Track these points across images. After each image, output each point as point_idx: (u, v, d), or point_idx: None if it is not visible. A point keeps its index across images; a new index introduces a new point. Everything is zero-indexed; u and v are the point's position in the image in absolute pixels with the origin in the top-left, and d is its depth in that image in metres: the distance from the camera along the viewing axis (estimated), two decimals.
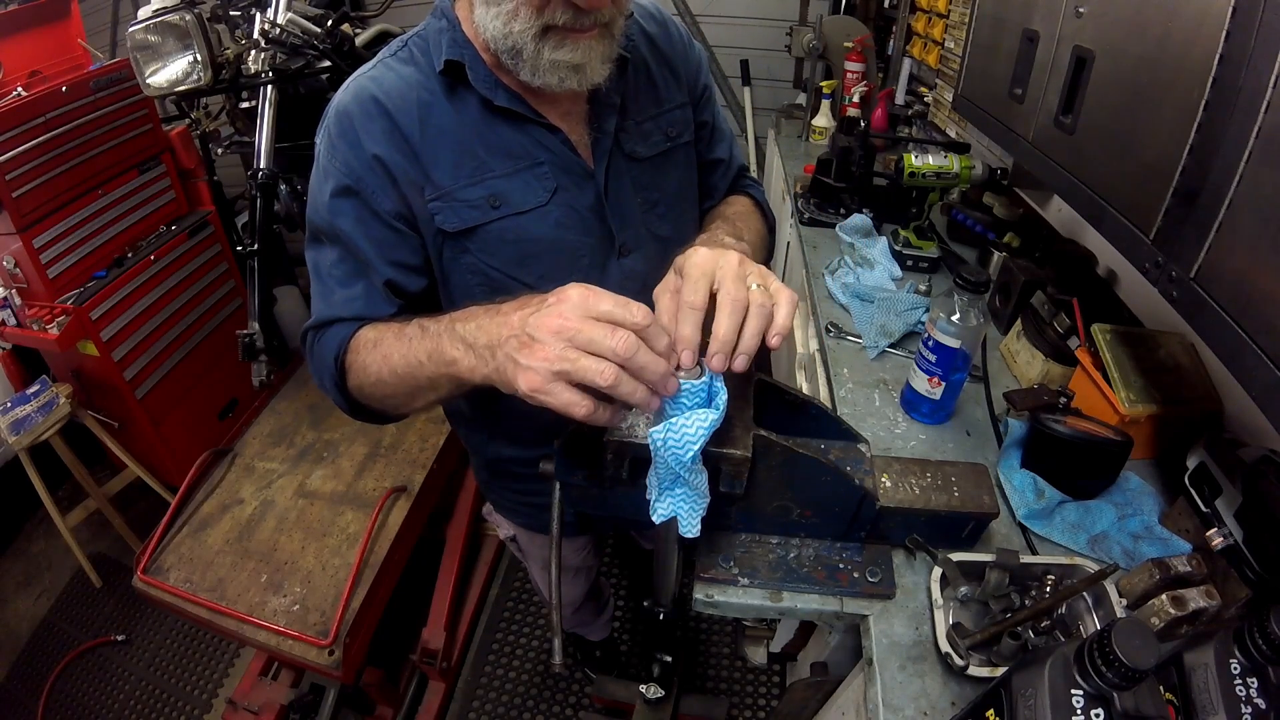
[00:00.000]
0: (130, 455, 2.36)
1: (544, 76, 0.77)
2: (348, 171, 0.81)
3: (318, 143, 0.85)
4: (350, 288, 0.84)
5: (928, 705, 0.78)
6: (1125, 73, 0.90)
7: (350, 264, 0.85)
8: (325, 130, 0.84)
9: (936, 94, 2.16)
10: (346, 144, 0.81)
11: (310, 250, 0.88)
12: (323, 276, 0.86)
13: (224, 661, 2.16)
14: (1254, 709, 0.58)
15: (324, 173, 0.83)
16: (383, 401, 0.82)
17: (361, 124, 0.81)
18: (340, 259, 0.85)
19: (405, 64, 0.84)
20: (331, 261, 0.85)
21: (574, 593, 1.66)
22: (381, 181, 0.82)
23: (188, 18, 1.55)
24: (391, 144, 0.81)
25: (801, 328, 1.79)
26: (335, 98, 0.85)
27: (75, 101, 2.13)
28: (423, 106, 0.82)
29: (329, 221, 0.83)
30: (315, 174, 0.85)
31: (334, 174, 0.82)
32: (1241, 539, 0.82)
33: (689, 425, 0.68)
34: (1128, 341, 1.08)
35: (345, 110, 0.82)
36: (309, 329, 0.87)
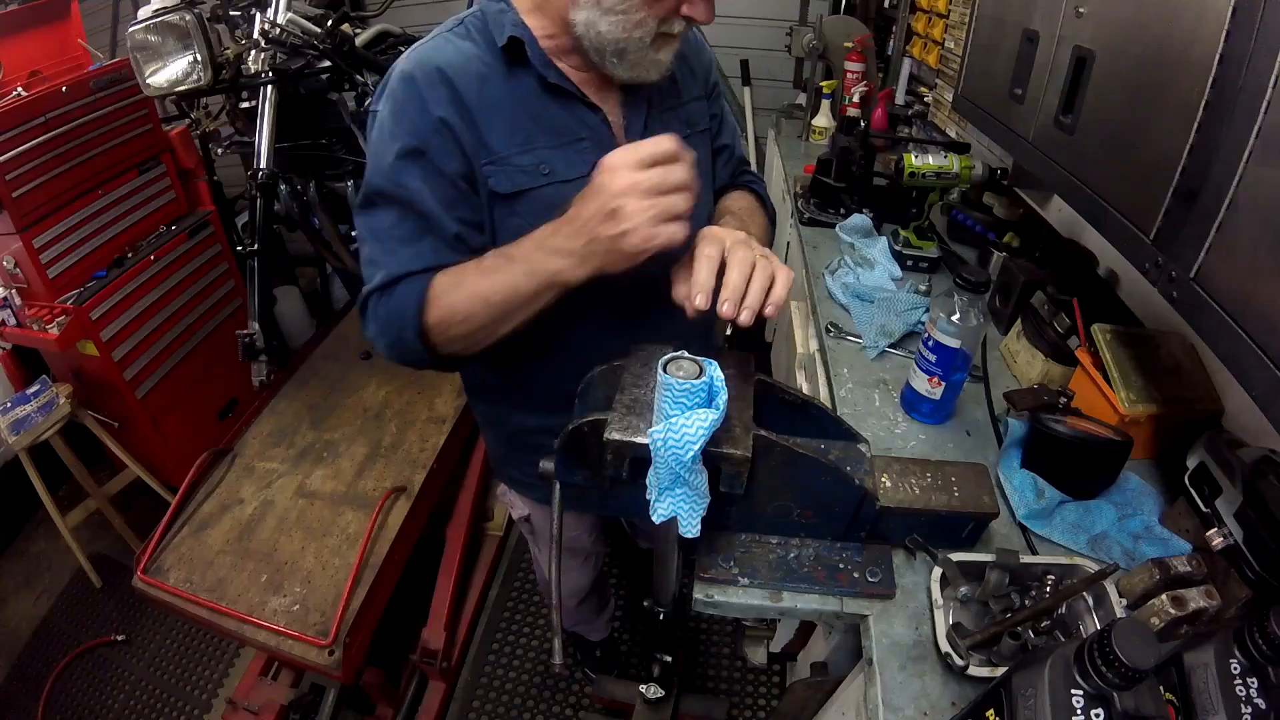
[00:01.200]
0: (130, 455, 2.36)
1: (642, 72, 0.88)
2: (414, 134, 0.86)
3: (379, 109, 0.89)
4: (417, 243, 0.87)
5: (928, 705, 0.78)
6: (1125, 73, 0.90)
7: (414, 222, 0.88)
8: (389, 96, 0.88)
9: (936, 94, 2.16)
10: (414, 108, 0.86)
11: (365, 215, 0.90)
12: (382, 238, 0.89)
13: (224, 661, 2.16)
14: (1254, 709, 0.58)
15: (389, 136, 0.87)
16: (469, 338, 0.87)
17: (427, 90, 0.85)
18: (401, 218, 0.88)
19: (463, 39, 0.90)
20: (392, 222, 0.88)
21: (583, 579, 1.67)
22: (447, 144, 0.86)
23: (188, 18, 1.55)
24: (454, 109, 0.86)
25: (801, 328, 1.79)
26: (398, 66, 0.89)
27: (75, 101, 2.12)
28: (480, 78, 0.87)
29: (393, 182, 0.87)
30: (377, 139, 0.88)
31: (400, 136, 0.86)
32: (1241, 539, 0.82)
33: (689, 425, 0.68)
34: (1128, 341, 1.08)
35: (410, 77, 0.86)
36: (372, 291, 0.88)
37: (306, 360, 2.34)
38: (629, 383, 0.83)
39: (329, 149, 1.88)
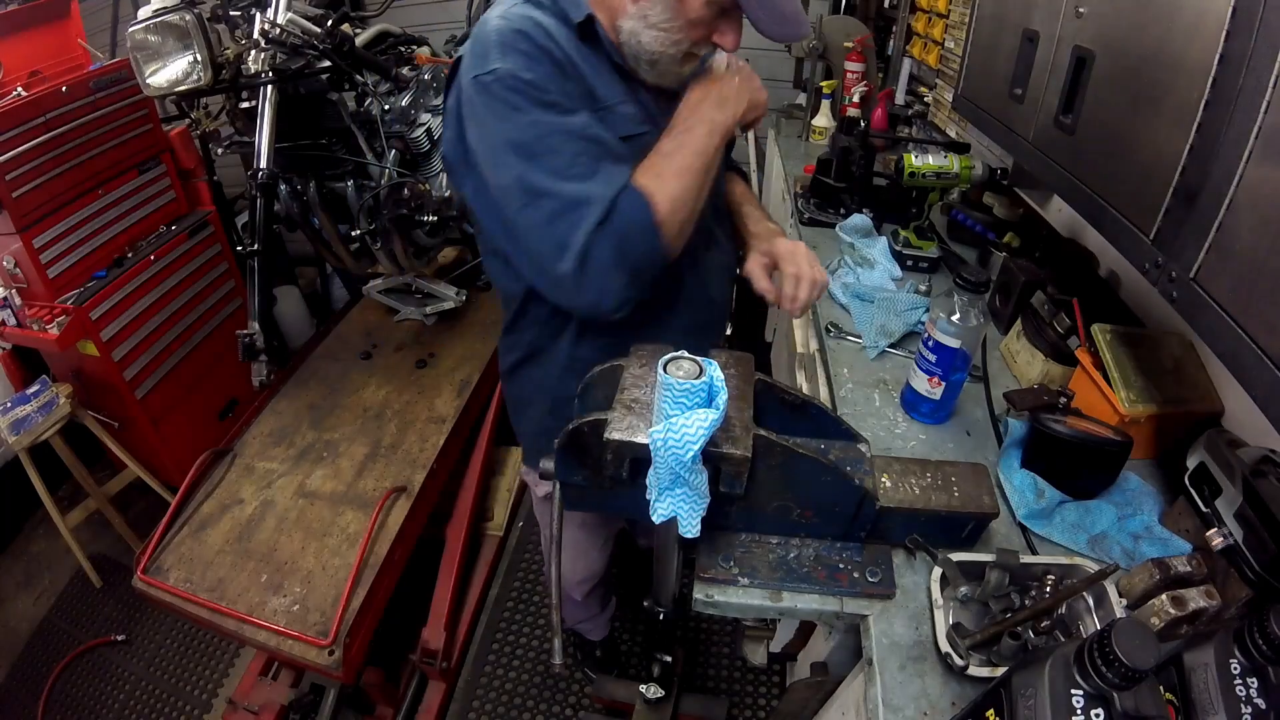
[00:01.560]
0: (130, 455, 2.36)
1: (665, 80, 1.01)
2: (551, 78, 0.91)
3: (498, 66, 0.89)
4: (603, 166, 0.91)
5: (928, 705, 0.78)
6: (1125, 73, 0.90)
7: (589, 149, 0.91)
8: (508, 49, 0.89)
9: (936, 94, 2.16)
10: (539, 57, 0.91)
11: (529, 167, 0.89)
12: (564, 177, 0.89)
13: (224, 661, 2.16)
14: (1254, 709, 0.58)
15: (527, 84, 0.88)
16: (688, 220, 0.96)
17: (542, 40, 0.91)
18: (577, 152, 0.90)
19: (538, 11, 0.95)
20: (568, 160, 0.89)
21: (598, 565, 1.68)
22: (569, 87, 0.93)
23: (188, 18, 1.54)
24: (563, 61, 0.93)
25: (801, 328, 1.79)
26: (498, 25, 0.91)
27: (75, 101, 2.12)
28: (566, 42, 0.94)
29: (554, 122, 0.89)
30: (512, 88, 0.88)
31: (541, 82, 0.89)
32: (1241, 539, 0.82)
33: (689, 425, 0.68)
34: (1128, 341, 1.08)
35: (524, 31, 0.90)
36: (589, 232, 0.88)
37: (306, 360, 2.34)
38: (629, 383, 0.83)
39: (329, 149, 1.88)
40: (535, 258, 0.93)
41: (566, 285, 0.91)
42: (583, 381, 0.92)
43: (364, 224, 1.93)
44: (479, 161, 0.94)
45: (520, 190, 0.90)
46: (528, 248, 0.93)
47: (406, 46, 2.13)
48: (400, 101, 1.90)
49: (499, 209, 0.94)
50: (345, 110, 1.83)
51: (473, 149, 0.94)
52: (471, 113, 0.92)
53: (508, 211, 0.93)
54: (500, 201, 0.93)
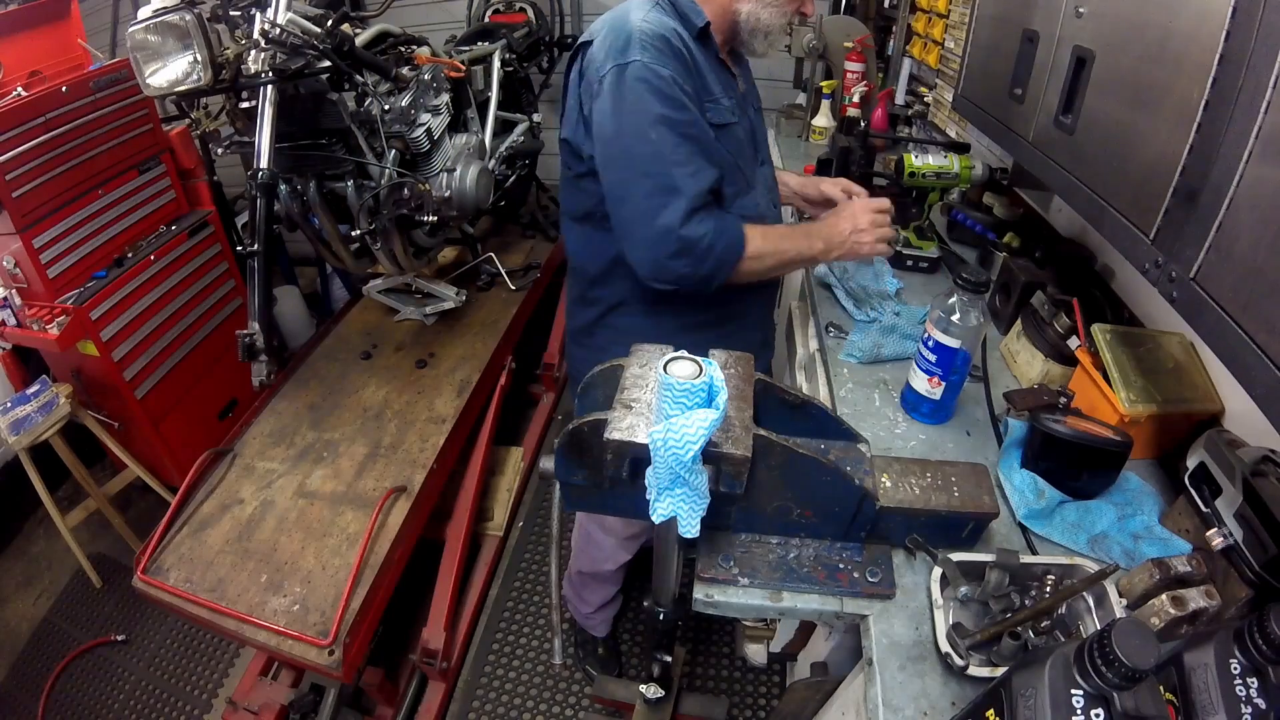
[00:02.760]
0: (130, 455, 2.36)
1: (770, 49, 1.25)
2: (681, 77, 1.11)
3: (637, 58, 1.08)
4: (699, 161, 1.13)
5: (928, 705, 0.78)
6: (1125, 73, 0.90)
7: (690, 146, 1.12)
8: (649, 48, 1.09)
9: (936, 94, 2.15)
10: (673, 60, 1.11)
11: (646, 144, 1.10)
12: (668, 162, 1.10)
13: (224, 661, 2.16)
14: (1254, 709, 0.58)
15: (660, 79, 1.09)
16: (754, 274, 1.22)
17: (678, 45, 1.12)
18: (679, 141, 1.11)
19: (665, 16, 1.15)
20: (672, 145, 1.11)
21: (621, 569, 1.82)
22: (689, 86, 1.13)
23: (188, 18, 1.54)
24: (690, 63, 1.14)
25: (801, 328, 1.79)
26: (642, 28, 1.10)
27: (75, 101, 2.12)
28: (691, 46, 1.16)
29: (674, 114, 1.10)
30: (644, 79, 1.08)
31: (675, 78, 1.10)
32: (1241, 539, 0.82)
33: (689, 425, 0.68)
34: (1128, 341, 1.08)
35: (664, 36, 1.11)
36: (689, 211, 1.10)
37: (306, 360, 2.34)
38: (629, 383, 0.83)
39: (329, 149, 1.88)
40: (626, 224, 1.16)
41: (644, 255, 1.15)
42: (583, 381, 0.92)
43: (364, 224, 1.93)
44: (596, 134, 1.14)
45: (632, 164, 1.12)
46: (624, 213, 1.16)
47: (406, 46, 2.13)
48: (400, 101, 1.90)
49: (611, 173, 1.15)
50: (345, 110, 1.83)
51: (595, 122, 1.13)
52: (605, 91, 1.10)
53: (617, 178, 1.15)
54: (613, 168, 1.15)
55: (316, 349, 2.40)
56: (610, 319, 1.39)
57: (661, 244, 1.12)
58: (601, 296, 1.37)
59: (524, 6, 3.05)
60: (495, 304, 2.61)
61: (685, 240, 1.11)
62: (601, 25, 1.17)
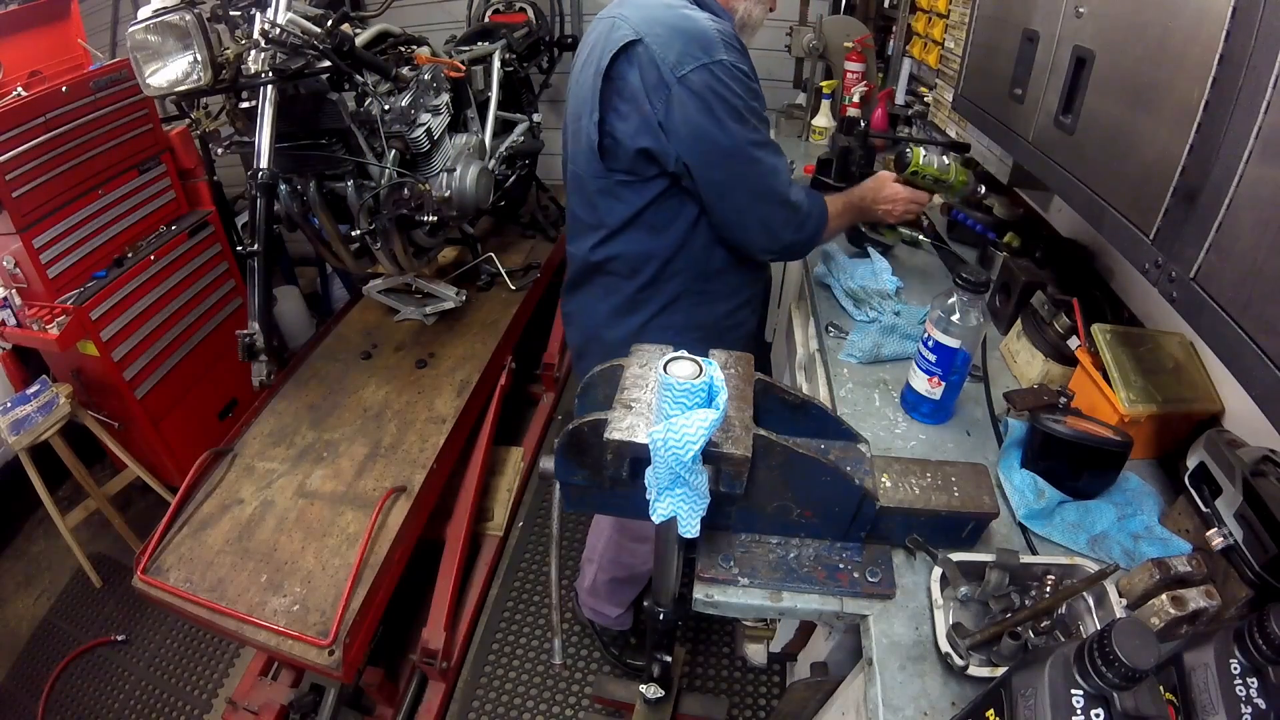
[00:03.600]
0: (130, 455, 2.36)
1: (751, 41, 1.33)
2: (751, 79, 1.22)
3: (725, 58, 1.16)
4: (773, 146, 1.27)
5: (928, 705, 0.78)
6: (1125, 73, 0.90)
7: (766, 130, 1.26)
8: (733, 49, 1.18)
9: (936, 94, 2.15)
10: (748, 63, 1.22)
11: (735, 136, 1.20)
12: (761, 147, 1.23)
13: (224, 661, 2.16)
14: (1254, 709, 0.58)
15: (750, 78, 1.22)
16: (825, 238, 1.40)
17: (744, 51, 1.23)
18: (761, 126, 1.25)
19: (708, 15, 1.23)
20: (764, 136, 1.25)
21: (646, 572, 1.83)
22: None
23: (188, 18, 1.54)
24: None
25: (801, 328, 1.79)
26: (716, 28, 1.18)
27: (75, 101, 2.12)
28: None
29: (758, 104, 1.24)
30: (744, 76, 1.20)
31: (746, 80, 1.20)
32: (1241, 539, 0.82)
33: (689, 425, 0.68)
34: (1128, 341, 1.08)
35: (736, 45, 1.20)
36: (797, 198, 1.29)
37: (306, 360, 2.34)
38: (629, 383, 0.83)
39: (329, 149, 1.88)
40: (740, 209, 1.26)
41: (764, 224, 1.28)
42: (583, 381, 0.92)
43: (364, 224, 1.93)
44: (689, 133, 1.18)
45: (737, 154, 1.20)
46: (738, 200, 1.25)
47: (406, 46, 2.13)
48: (400, 101, 1.90)
49: (715, 170, 1.21)
50: (345, 110, 1.83)
51: (682, 120, 1.17)
52: (695, 91, 1.15)
53: (723, 172, 1.22)
54: (717, 165, 1.21)
55: (316, 349, 2.40)
56: (662, 318, 1.40)
57: (778, 217, 1.27)
58: (656, 296, 1.38)
59: (524, 6, 3.05)
60: (495, 304, 2.61)
61: (797, 210, 1.29)
62: (648, 24, 1.16)
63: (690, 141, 1.18)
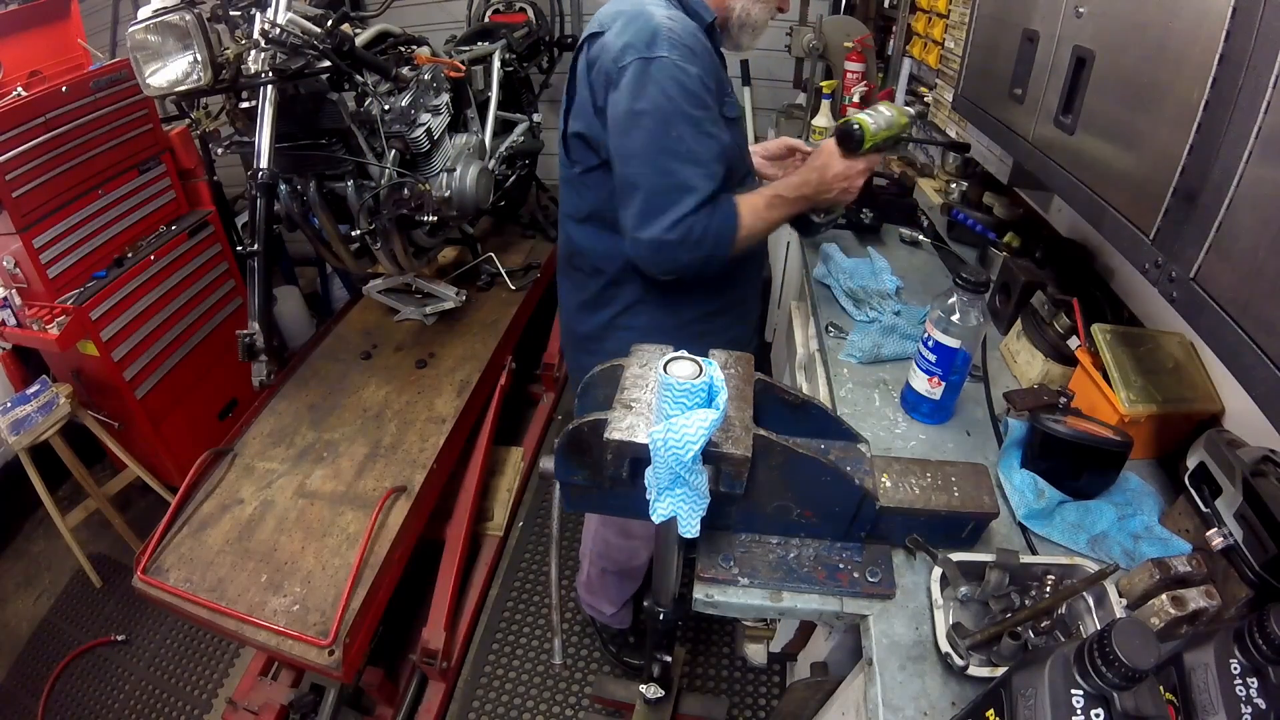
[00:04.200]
0: (130, 455, 2.36)
1: (755, 43, 1.33)
2: (706, 79, 1.14)
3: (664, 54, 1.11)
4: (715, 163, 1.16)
5: (928, 705, 0.78)
6: (1125, 73, 0.90)
7: (707, 144, 1.15)
8: (679, 47, 1.12)
9: (936, 94, 2.15)
10: (700, 61, 1.14)
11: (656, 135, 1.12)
12: (684, 158, 1.13)
13: (224, 661, 2.16)
14: (1254, 709, 0.58)
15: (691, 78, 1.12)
16: (745, 244, 1.24)
17: (699, 49, 1.15)
18: (698, 136, 1.14)
19: (683, 14, 1.20)
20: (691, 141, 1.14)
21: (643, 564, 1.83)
22: (712, 85, 1.17)
23: (188, 18, 1.54)
24: (710, 64, 1.18)
25: (801, 328, 1.79)
26: (667, 27, 1.12)
27: (75, 101, 2.12)
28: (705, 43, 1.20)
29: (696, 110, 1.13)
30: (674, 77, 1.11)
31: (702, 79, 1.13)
32: (1241, 539, 0.82)
33: (689, 425, 0.68)
34: (1128, 341, 1.08)
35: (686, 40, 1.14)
36: (691, 212, 1.14)
37: (306, 360, 2.34)
38: (629, 383, 0.83)
39: (329, 149, 1.88)
40: (636, 215, 1.16)
41: (649, 245, 1.16)
42: (583, 381, 0.92)
43: (364, 224, 1.93)
44: (612, 125, 1.15)
45: (645, 157, 1.13)
46: (633, 206, 1.16)
47: (406, 46, 2.13)
48: (400, 101, 1.90)
49: (626, 166, 1.15)
50: (345, 110, 1.83)
51: (611, 114, 1.15)
52: (626, 83, 1.12)
53: (628, 170, 1.15)
54: (629, 161, 1.15)
55: (316, 349, 2.40)
56: (625, 319, 1.39)
57: (668, 235, 1.14)
58: (618, 296, 1.37)
59: (524, 6, 3.05)
60: (495, 304, 2.61)
61: (688, 230, 1.15)
62: (613, 17, 1.17)
63: (611, 133, 1.17)
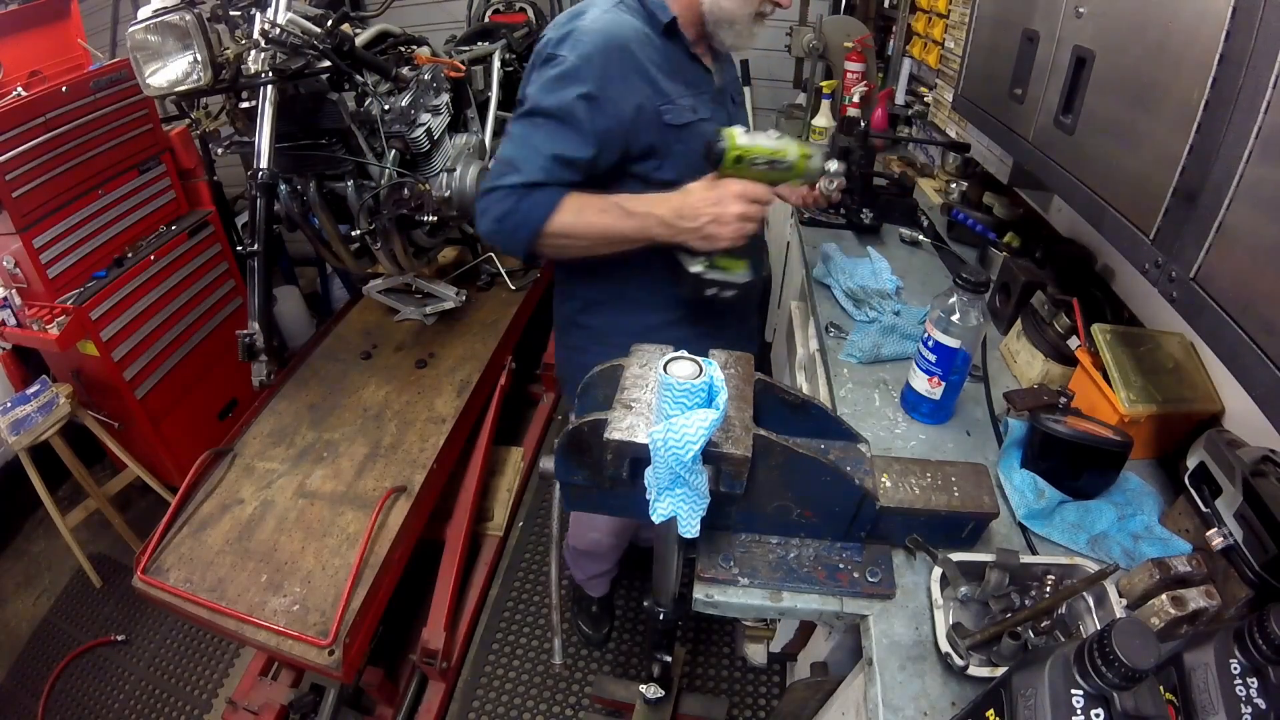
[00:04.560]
0: (130, 455, 2.36)
1: (739, 40, 1.21)
2: (597, 84, 1.09)
3: (562, 54, 1.10)
4: (552, 161, 1.10)
5: (928, 705, 0.78)
6: (1125, 73, 0.90)
7: (560, 144, 1.10)
8: (578, 48, 1.09)
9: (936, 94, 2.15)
10: (599, 66, 1.09)
11: (521, 123, 1.14)
12: (528, 147, 1.11)
13: (224, 661, 2.16)
14: (1254, 709, 0.58)
15: (572, 78, 1.09)
16: (565, 250, 1.18)
17: (614, 54, 1.10)
18: (551, 136, 1.10)
19: (626, 14, 1.15)
20: (543, 137, 1.11)
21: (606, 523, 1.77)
22: (620, 94, 1.11)
23: (188, 18, 1.54)
24: (633, 70, 1.12)
25: (801, 328, 1.79)
26: (588, 27, 1.10)
27: (75, 101, 2.12)
28: (647, 44, 1.15)
29: (562, 110, 1.09)
30: (558, 75, 1.09)
31: (585, 82, 1.08)
32: (1241, 539, 0.82)
33: (689, 425, 0.68)
34: (1128, 341, 1.08)
35: (602, 43, 1.09)
36: (502, 186, 1.10)
37: (306, 360, 2.34)
38: (629, 383, 0.83)
39: (329, 149, 1.88)
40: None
41: (477, 201, 1.15)
42: (583, 381, 0.92)
43: (364, 224, 1.93)
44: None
45: (509, 135, 1.15)
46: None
47: (406, 46, 2.13)
48: (400, 101, 1.90)
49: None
50: (345, 110, 1.83)
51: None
52: (529, 71, 1.17)
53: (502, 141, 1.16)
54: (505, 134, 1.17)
55: (316, 349, 2.40)
56: (583, 317, 1.38)
57: (481, 201, 1.14)
58: (576, 292, 1.38)
59: (524, 6, 3.05)
60: (495, 304, 2.61)
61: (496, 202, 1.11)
62: (564, 14, 1.19)
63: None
